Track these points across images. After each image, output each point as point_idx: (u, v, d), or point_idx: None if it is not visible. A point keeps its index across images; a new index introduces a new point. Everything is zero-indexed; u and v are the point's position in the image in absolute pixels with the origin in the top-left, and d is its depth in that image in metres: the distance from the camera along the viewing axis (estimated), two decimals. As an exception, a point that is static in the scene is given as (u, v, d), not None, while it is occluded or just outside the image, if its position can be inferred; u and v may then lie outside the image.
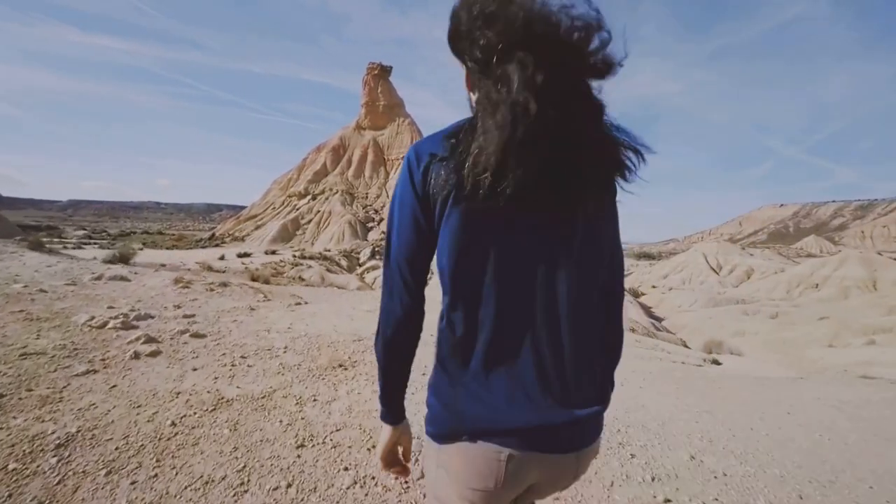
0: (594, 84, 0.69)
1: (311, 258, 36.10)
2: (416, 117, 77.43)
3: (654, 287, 53.28)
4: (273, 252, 40.64)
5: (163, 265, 24.06)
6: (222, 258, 32.90)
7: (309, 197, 62.30)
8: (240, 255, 35.18)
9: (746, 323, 25.34)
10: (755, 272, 54.42)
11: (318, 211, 57.26)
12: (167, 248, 44.26)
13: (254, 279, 14.78)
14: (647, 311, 35.59)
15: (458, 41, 0.72)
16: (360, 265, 40.66)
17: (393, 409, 0.86)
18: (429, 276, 0.83)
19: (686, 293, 42.98)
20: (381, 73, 75.16)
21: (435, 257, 0.77)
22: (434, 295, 0.79)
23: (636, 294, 46.75)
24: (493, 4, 0.66)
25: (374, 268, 38.55)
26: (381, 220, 58.03)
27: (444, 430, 0.76)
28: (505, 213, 0.69)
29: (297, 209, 59.13)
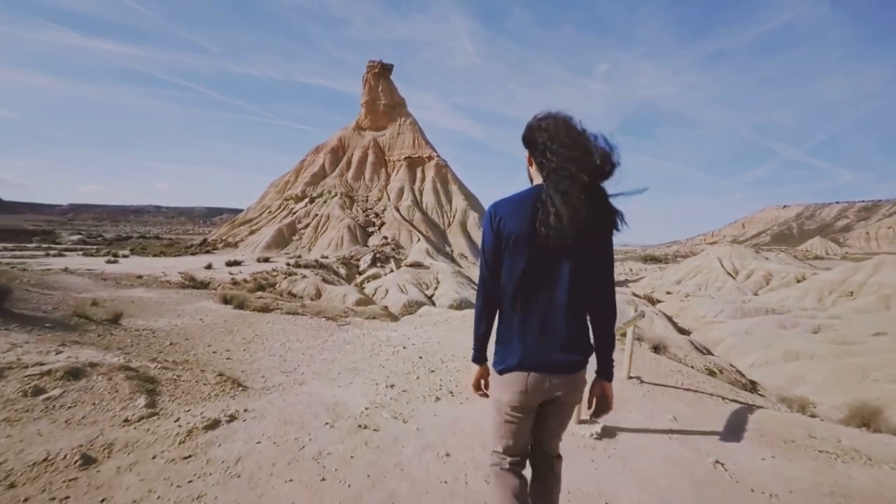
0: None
1: (306, 266, 33.35)
2: (416, 119, 74.61)
3: (668, 293, 50.42)
4: (266, 259, 37.89)
5: (139, 277, 21.40)
6: (209, 267, 30.18)
7: (306, 200, 59.38)
8: (229, 264, 32.45)
9: (793, 341, 22.49)
10: (774, 277, 51.56)
11: (316, 215, 54.29)
12: (154, 255, 41.63)
13: (225, 301, 12.05)
14: (670, 321, 32.77)
15: (533, 145, 1.44)
16: (359, 273, 37.86)
17: (481, 355, 1.61)
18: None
19: (707, 301, 39.88)
20: (381, 72, 72.19)
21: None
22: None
23: (652, 301, 43.77)
24: (563, 137, 1.36)
25: (374, 276, 35.75)
26: (383, 223, 55.17)
27: (500, 367, 1.48)
28: (540, 248, 1.37)
29: (294, 213, 56.26)
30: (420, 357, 5.19)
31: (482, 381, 1.62)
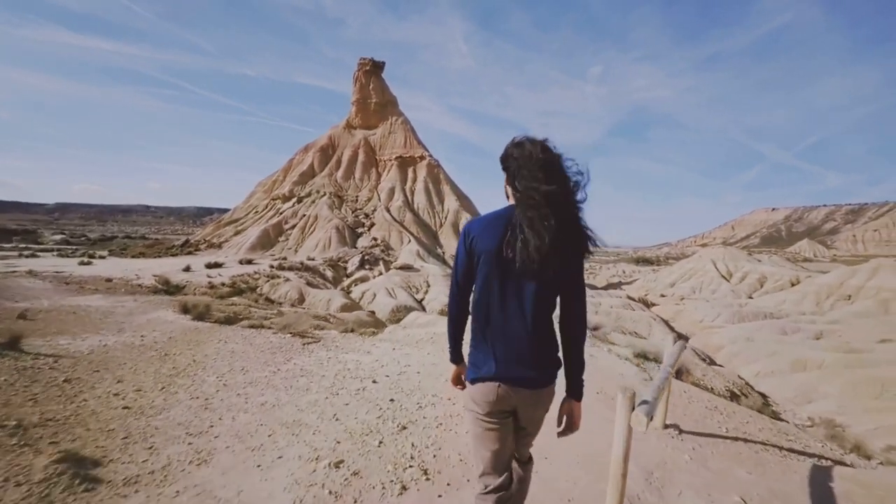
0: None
1: (290, 269, 31.87)
2: (411, 119, 73.03)
3: (663, 296, 49.63)
4: (249, 261, 36.31)
5: (108, 280, 19.79)
6: (187, 269, 28.54)
7: (294, 200, 57.67)
8: (209, 266, 30.79)
9: (798, 348, 21.55)
10: (768, 280, 50.99)
11: (304, 215, 52.59)
12: (133, 257, 39.82)
13: (185, 310, 10.75)
14: (667, 325, 31.82)
15: (507, 169, 1.50)
16: (347, 276, 36.45)
17: (457, 355, 1.72)
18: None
19: (703, 305, 38.96)
20: (373, 69, 70.52)
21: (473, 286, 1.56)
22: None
23: (647, 304, 42.83)
24: (533, 165, 1.40)
25: (362, 279, 34.37)
26: (372, 224, 53.65)
27: (473, 377, 1.55)
28: (509, 268, 1.42)
29: (281, 213, 54.55)
30: (391, 399, 3.95)
31: (461, 376, 1.71)
